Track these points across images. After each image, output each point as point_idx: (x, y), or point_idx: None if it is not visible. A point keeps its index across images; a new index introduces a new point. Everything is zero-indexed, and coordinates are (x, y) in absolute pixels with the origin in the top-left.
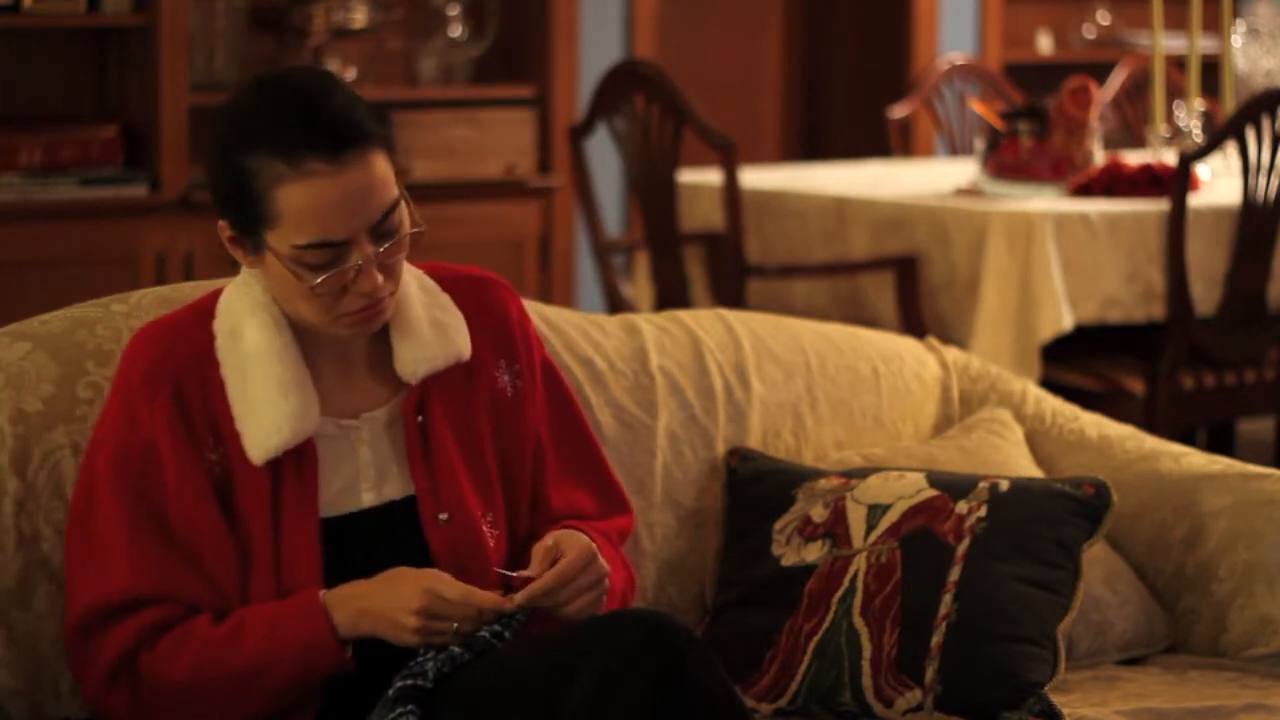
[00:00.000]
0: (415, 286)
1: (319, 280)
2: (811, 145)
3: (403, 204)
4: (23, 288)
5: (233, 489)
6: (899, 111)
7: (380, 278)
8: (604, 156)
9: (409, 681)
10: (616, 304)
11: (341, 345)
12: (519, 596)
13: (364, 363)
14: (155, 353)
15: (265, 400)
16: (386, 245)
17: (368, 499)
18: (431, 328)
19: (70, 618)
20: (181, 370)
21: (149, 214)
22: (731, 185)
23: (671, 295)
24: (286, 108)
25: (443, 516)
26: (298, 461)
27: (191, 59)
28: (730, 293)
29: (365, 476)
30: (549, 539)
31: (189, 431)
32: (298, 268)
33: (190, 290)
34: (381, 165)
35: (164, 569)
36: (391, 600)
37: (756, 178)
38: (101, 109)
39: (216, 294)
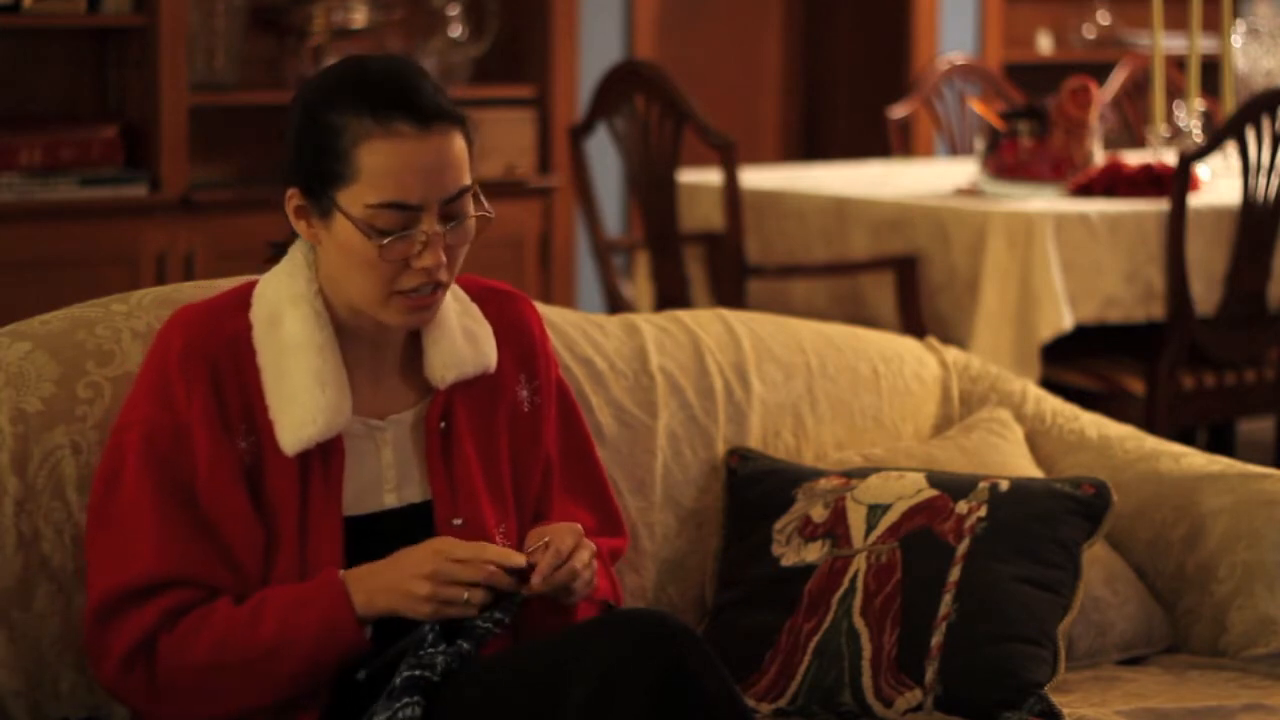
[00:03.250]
0: (449, 295)
1: (386, 242)
2: (811, 145)
3: (471, 196)
4: (23, 288)
5: (262, 478)
6: (899, 111)
7: (443, 258)
8: (604, 156)
9: (416, 673)
10: (616, 304)
11: (377, 344)
12: (534, 581)
13: (395, 365)
14: (193, 335)
15: (302, 390)
16: (453, 226)
17: (389, 500)
18: (464, 336)
19: (91, 600)
20: (218, 354)
21: (149, 214)
22: (731, 185)
23: (671, 295)
24: (382, 77)
25: (457, 522)
26: (325, 457)
27: (191, 59)
28: (730, 293)
29: (387, 478)
30: (534, 530)
31: (223, 416)
32: (367, 229)
33: (190, 290)
34: (461, 147)
35: (189, 552)
36: (403, 570)
37: (756, 178)
38: (101, 109)
39: (251, 285)
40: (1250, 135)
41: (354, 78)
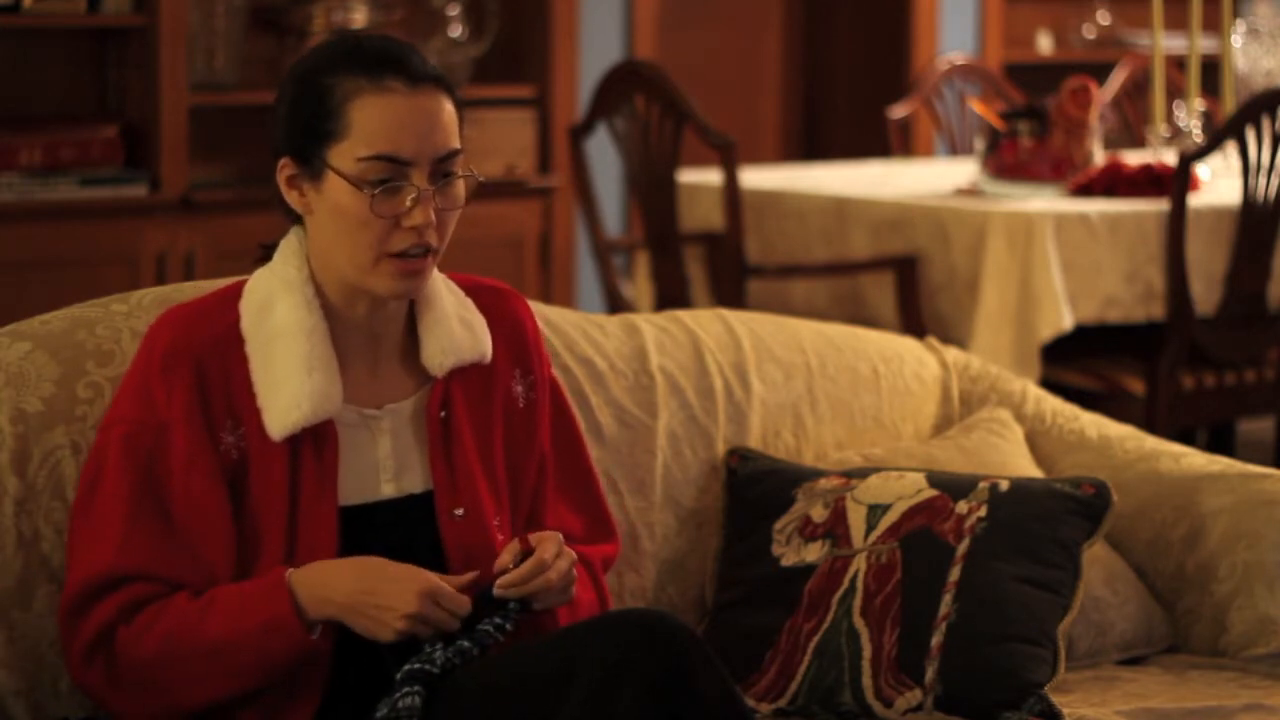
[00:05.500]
0: (443, 287)
1: (378, 192)
2: (811, 145)
3: (462, 161)
4: (23, 288)
5: (249, 471)
6: (899, 111)
7: (433, 217)
8: (604, 156)
9: (417, 665)
10: (616, 304)
11: (373, 333)
12: (499, 584)
13: (391, 354)
14: (177, 333)
15: (289, 375)
16: (442, 185)
17: (387, 490)
18: (460, 324)
19: (64, 595)
20: (203, 350)
21: (149, 214)
22: (731, 185)
23: (671, 295)
24: (374, 43)
25: (458, 512)
26: (317, 445)
27: (191, 59)
28: (730, 293)
29: (385, 468)
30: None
31: (206, 414)
32: (359, 182)
33: (190, 290)
34: (451, 112)
35: (157, 549)
36: (381, 599)
37: (756, 178)
38: (101, 109)
39: (241, 282)
40: (1250, 135)
41: (346, 45)
